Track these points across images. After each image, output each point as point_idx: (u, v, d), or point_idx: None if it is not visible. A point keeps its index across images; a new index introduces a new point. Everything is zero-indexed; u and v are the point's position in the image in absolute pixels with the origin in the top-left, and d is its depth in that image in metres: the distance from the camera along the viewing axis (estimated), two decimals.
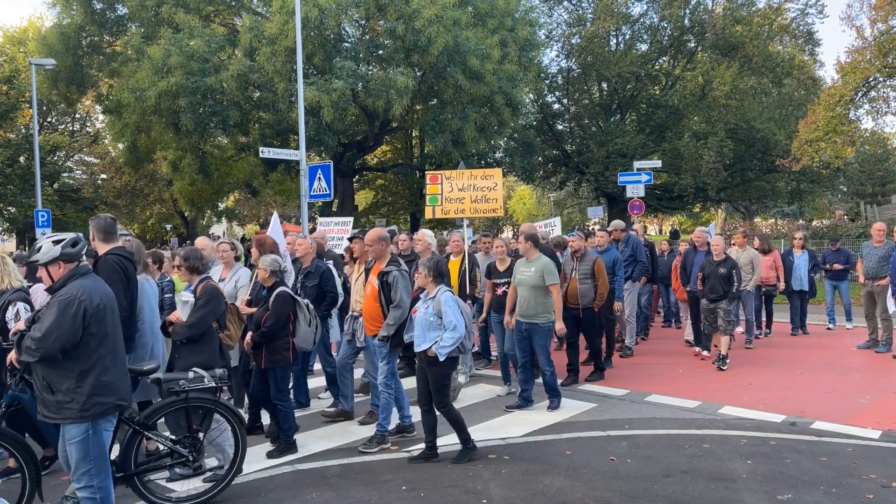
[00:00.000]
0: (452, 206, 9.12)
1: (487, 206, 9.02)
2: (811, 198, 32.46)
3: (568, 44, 29.12)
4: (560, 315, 7.13)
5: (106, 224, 5.23)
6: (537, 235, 7.53)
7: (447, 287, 5.71)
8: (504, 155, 28.48)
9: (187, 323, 5.17)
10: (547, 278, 7.01)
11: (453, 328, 5.45)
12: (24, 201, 28.98)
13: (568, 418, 6.95)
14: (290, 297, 5.98)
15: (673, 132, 28.37)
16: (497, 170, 9.43)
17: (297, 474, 5.42)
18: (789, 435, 6.22)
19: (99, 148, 35.55)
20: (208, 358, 5.14)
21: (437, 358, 5.49)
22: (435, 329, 5.53)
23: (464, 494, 4.90)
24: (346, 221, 13.00)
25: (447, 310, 5.49)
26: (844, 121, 19.82)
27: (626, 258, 9.82)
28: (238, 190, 33.01)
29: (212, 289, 5.34)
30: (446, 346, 5.46)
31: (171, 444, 4.76)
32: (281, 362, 5.91)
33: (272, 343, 5.85)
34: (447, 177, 9.22)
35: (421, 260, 5.84)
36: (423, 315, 5.61)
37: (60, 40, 22.22)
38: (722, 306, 9.13)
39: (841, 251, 12.25)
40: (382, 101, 18.79)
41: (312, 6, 17.95)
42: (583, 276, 8.24)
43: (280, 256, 6.66)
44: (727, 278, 9.09)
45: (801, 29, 29.01)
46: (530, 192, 54.68)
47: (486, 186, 9.01)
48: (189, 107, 19.27)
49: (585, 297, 8.18)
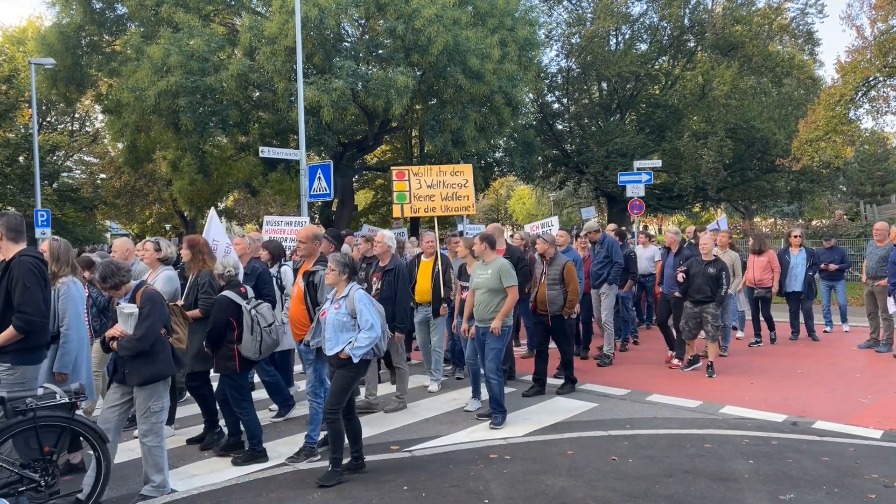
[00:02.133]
0: (422, 204, 8.66)
1: (459, 203, 8.59)
2: (811, 197, 32.45)
3: (568, 43, 29.11)
4: (504, 315, 6.65)
5: (15, 223, 4.91)
6: (493, 236, 7.14)
7: (359, 285, 5.39)
8: (504, 154, 28.46)
9: (136, 336, 4.71)
10: (504, 280, 6.66)
11: (370, 328, 5.10)
12: (24, 201, 28.96)
13: (569, 418, 6.94)
14: (231, 302, 5.66)
15: (673, 132, 28.36)
16: (467, 165, 8.96)
17: (298, 474, 5.41)
18: (791, 435, 6.21)
19: (98, 147, 35.51)
20: (163, 367, 4.85)
21: (349, 360, 5.12)
22: (348, 330, 5.18)
23: (465, 494, 4.89)
24: (300, 221, 12.25)
25: (363, 308, 5.14)
26: (844, 120, 19.82)
27: (601, 259, 9.50)
28: (238, 190, 32.96)
29: (152, 294, 4.91)
30: (361, 346, 5.10)
31: (20, 469, 4.30)
32: (227, 370, 5.69)
33: (219, 351, 5.68)
34: (415, 173, 8.78)
35: (330, 255, 5.48)
36: (334, 316, 5.22)
37: (60, 40, 22.19)
38: (709, 310, 8.56)
39: (836, 249, 11.78)
40: (382, 101, 18.76)
41: (312, 6, 17.92)
42: (551, 280, 7.75)
43: (215, 257, 6.47)
44: (716, 279, 8.53)
45: (800, 28, 29.01)
46: (530, 192, 54.66)
47: (456, 183, 8.59)
48: (188, 106, 19.24)
49: (554, 304, 7.70)
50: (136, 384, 4.79)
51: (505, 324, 6.70)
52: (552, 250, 7.92)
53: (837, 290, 11.90)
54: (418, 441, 6.20)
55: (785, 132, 25.32)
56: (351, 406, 5.40)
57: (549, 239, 8.03)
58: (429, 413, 7.08)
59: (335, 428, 5.22)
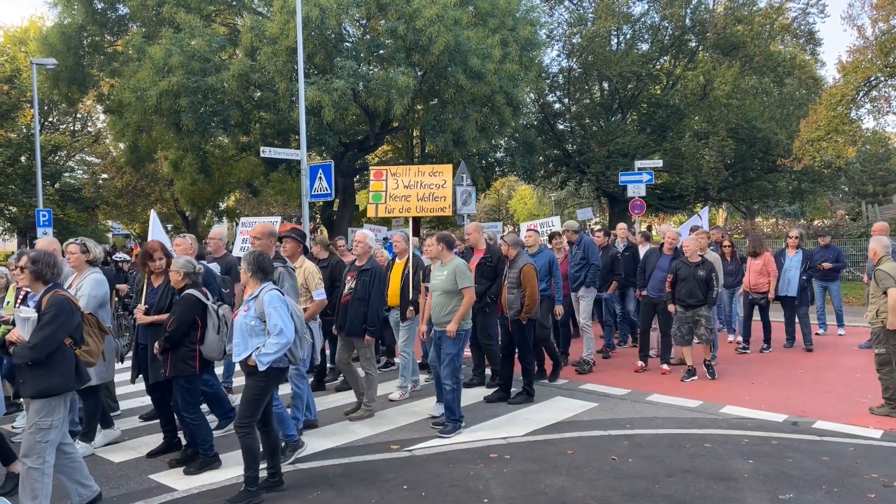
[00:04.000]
0: (397, 205, 8.46)
1: (435, 204, 8.30)
2: (812, 197, 32.38)
3: (569, 43, 29.08)
4: (460, 318, 6.43)
5: None
6: (451, 237, 6.89)
7: (273, 286, 5.04)
8: (505, 154, 28.44)
9: (30, 343, 4.31)
10: (459, 281, 6.45)
11: (278, 332, 4.73)
12: (26, 201, 29.01)
13: (569, 418, 6.95)
14: (198, 301, 5.50)
15: (674, 132, 28.34)
16: (447, 166, 8.68)
17: (299, 473, 5.42)
18: (791, 434, 6.21)
19: (100, 147, 35.55)
20: (59, 381, 4.41)
21: (257, 368, 4.79)
22: (257, 335, 4.83)
23: (465, 494, 4.90)
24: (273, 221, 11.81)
25: (271, 311, 4.77)
26: (846, 120, 19.79)
27: (578, 261, 9.18)
28: (239, 190, 32.98)
29: (60, 300, 4.47)
30: (269, 353, 4.73)
31: None
32: (185, 371, 5.46)
33: (177, 350, 5.46)
34: (393, 172, 8.59)
35: (244, 254, 5.24)
36: (242, 319, 4.89)
37: (62, 40, 22.21)
38: (702, 313, 8.36)
39: (831, 248, 11.43)
40: (383, 101, 18.77)
41: (313, 6, 17.93)
42: (511, 283, 7.46)
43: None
44: (706, 282, 8.33)
45: (802, 28, 28.95)
46: (531, 192, 54.64)
47: (433, 184, 8.31)
48: (190, 106, 19.25)
49: (512, 308, 7.41)
50: (28, 395, 4.44)
51: (461, 327, 6.48)
52: (514, 252, 7.60)
53: (832, 290, 11.56)
54: (418, 440, 6.21)
55: (786, 132, 25.27)
56: (267, 418, 5.07)
57: (512, 240, 7.73)
58: (432, 412, 7.06)
59: (247, 443, 4.88)
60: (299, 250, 6.72)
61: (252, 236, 5.94)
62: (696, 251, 8.53)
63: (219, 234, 7.90)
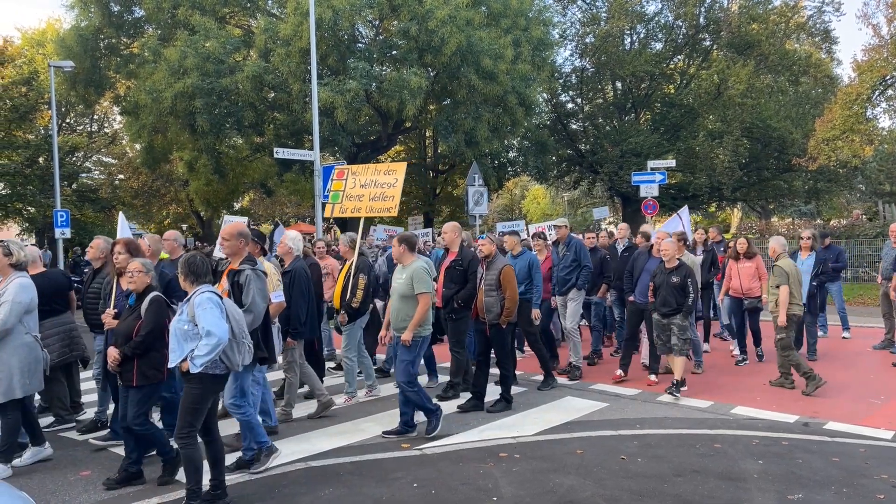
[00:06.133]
0: (351, 204, 8.29)
1: (383, 204, 8.04)
2: (828, 197, 32.12)
3: (582, 43, 29.04)
4: (416, 325, 6.18)
5: None
6: (413, 238, 6.64)
7: (209, 287, 4.78)
8: (517, 154, 28.47)
9: None
10: (416, 286, 6.18)
11: (207, 334, 4.53)
12: (44, 201, 29.34)
13: (579, 417, 6.97)
14: (165, 302, 5.31)
15: (688, 131, 28.21)
16: (401, 164, 8.48)
17: (310, 471, 5.48)
18: (802, 435, 6.20)
19: (116, 148, 35.94)
20: None
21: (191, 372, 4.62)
22: (192, 339, 4.64)
23: (474, 492, 4.94)
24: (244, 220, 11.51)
25: (200, 313, 4.58)
26: (861, 119, 19.64)
27: (568, 263, 8.78)
28: (253, 190, 33.23)
29: None
30: (200, 355, 4.55)
31: None
32: (155, 378, 5.23)
33: (146, 356, 5.17)
34: (353, 172, 8.45)
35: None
36: (175, 323, 4.72)
37: (78, 42, 22.48)
38: (676, 321, 7.72)
39: (832, 248, 11.17)
40: (396, 102, 18.86)
41: (326, 7, 18.05)
42: (488, 286, 7.16)
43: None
44: (681, 288, 7.68)
45: (817, 27, 28.71)
46: (544, 192, 54.54)
47: (386, 183, 8.08)
48: (205, 108, 19.45)
49: (491, 311, 7.13)
50: None
51: (418, 334, 6.24)
52: (493, 252, 7.33)
53: (832, 291, 11.22)
54: (429, 439, 6.26)
55: (802, 131, 25.08)
56: (210, 426, 4.87)
57: (492, 240, 7.48)
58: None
59: (187, 453, 4.70)
60: (258, 251, 6.38)
61: (221, 237, 5.74)
62: (674, 255, 7.86)
63: (173, 236, 7.46)
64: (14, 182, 29.61)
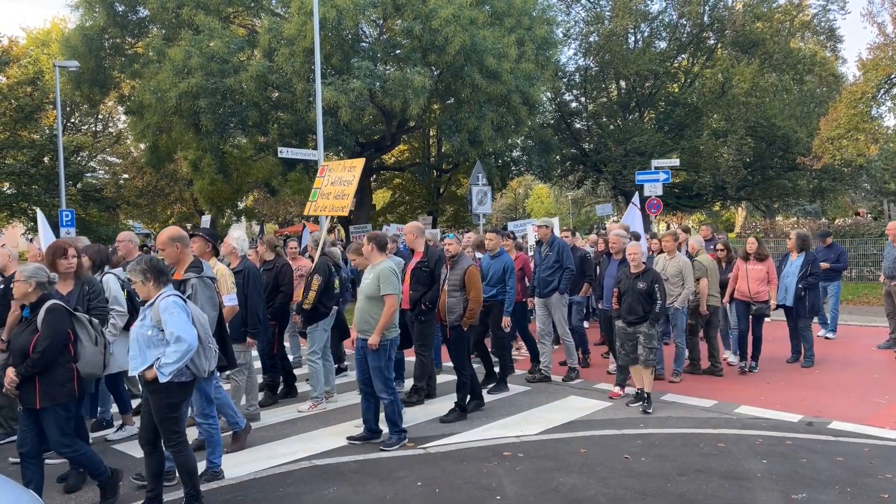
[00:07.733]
0: (322, 203, 8.05)
1: (338, 203, 7.73)
2: (833, 196, 32.06)
3: (586, 42, 29.04)
4: (382, 329, 5.92)
5: None
6: (382, 237, 6.38)
7: (172, 291, 4.55)
8: (521, 153, 28.47)
9: None
10: (382, 287, 5.92)
11: (176, 340, 4.28)
12: (49, 201, 29.42)
13: (583, 417, 6.98)
14: (66, 310, 4.72)
15: (692, 130, 28.18)
16: (359, 160, 8.15)
17: (315, 469, 5.50)
18: (806, 435, 6.20)
19: (121, 148, 36.06)
20: None
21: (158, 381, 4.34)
22: (156, 346, 4.38)
23: (478, 491, 4.95)
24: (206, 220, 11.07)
25: (167, 318, 4.32)
26: (866, 118, 19.60)
27: (550, 264, 8.42)
28: (257, 189, 33.30)
29: None
30: (169, 362, 4.28)
31: None
32: (63, 397, 4.58)
33: (49, 373, 4.54)
34: (330, 168, 8.19)
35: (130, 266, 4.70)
36: (137, 329, 4.46)
37: (83, 42, 22.53)
38: (642, 330, 7.12)
39: (833, 247, 10.92)
40: (399, 101, 18.86)
41: (330, 7, 18.07)
42: (452, 286, 6.91)
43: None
44: (647, 295, 7.08)
45: (822, 25, 28.66)
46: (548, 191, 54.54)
47: (345, 180, 7.77)
48: (209, 107, 19.48)
49: (452, 313, 6.88)
50: None
51: (385, 338, 5.98)
52: (459, 251, 7.12)
53: (830, 292, 10.97)
54: (433, 438, 6.27)
55: (807, 130, 25.04)
56: (155, 439, 4.62)
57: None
58: (442, 411, 7.10)
59: (181, 460, 4.57)
60: (208, 250, 6.05)
61: (158, 245, 5.32)
62: (641, 259, 7.25)
63: (128, 237, 6.96)
64: (19, 182, 29.68)
